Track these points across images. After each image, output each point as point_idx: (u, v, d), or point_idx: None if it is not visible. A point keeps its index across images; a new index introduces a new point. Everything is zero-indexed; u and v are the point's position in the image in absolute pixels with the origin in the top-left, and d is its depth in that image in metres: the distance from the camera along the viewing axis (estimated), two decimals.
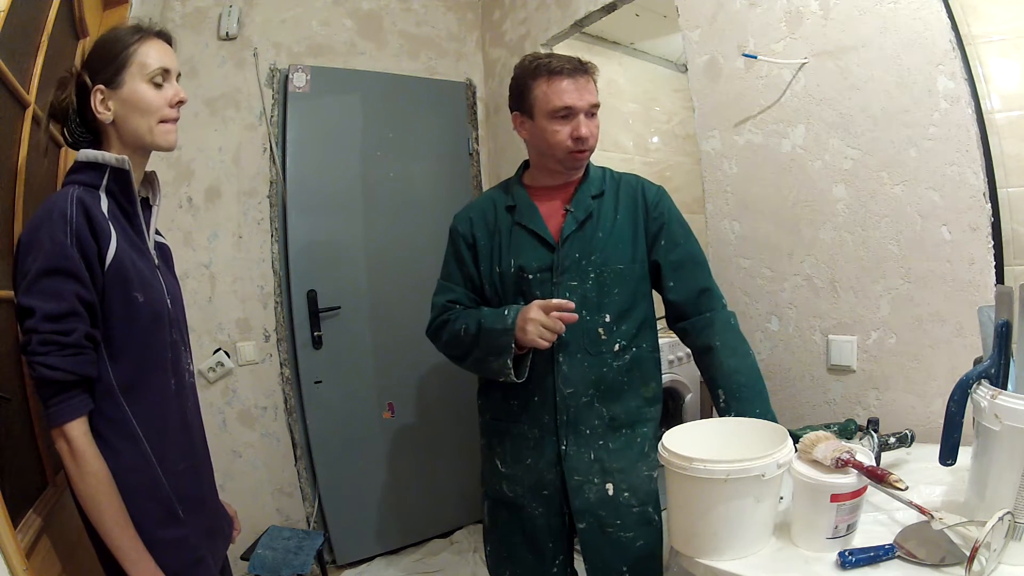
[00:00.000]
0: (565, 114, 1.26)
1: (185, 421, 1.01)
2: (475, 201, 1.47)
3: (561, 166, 1.33)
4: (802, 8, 1.55)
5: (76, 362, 0.84)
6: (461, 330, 1.33)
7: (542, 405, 1.32)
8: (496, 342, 1.25)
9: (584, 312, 1.28)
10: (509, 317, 1.25)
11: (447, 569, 2.38)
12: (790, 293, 1.66)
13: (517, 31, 2.64)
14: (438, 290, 1.44)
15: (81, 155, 0.92)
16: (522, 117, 1.34)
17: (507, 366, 1.25)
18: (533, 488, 1.34)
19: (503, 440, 1.39)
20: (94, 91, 0.93)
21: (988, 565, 0.80)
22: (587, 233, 1.32)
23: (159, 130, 0.96)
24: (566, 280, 1.30)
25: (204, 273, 2.26)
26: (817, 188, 1.57)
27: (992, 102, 1.30)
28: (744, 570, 0.91)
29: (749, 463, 0.91)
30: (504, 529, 1.41)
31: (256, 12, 2.36)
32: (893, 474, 0.91)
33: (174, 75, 0.99)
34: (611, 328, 1.31)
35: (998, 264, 1.29)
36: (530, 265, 1.32)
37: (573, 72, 1.26)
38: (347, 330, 2.43)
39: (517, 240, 1.35)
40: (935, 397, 1.39)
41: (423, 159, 2.65)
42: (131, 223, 0.97)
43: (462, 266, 1.41)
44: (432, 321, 1.42)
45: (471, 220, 1.41)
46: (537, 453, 1.33)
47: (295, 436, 2.42)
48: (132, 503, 0.88)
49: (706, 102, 1.82)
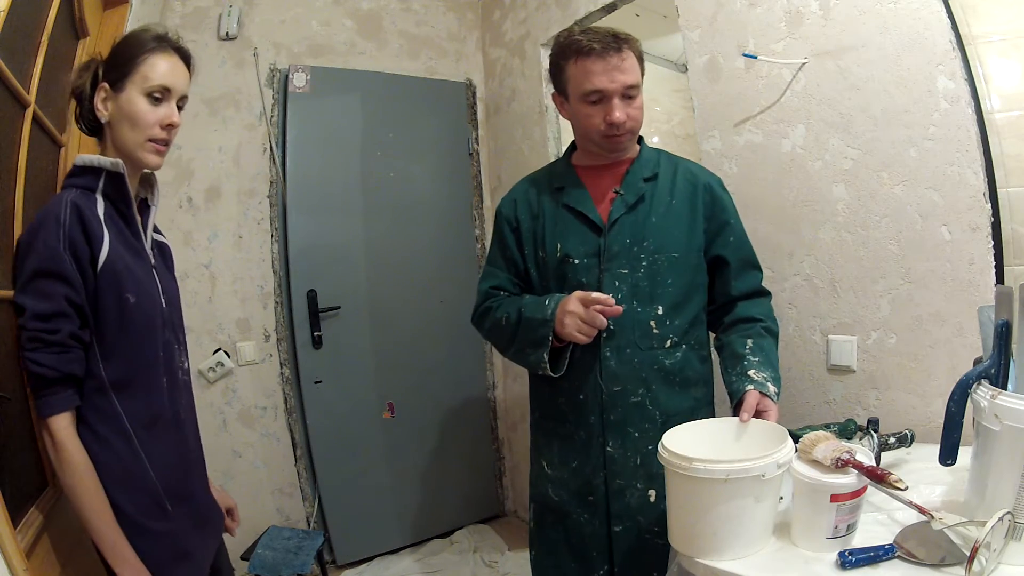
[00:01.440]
0: (596, 98, 1.18)
1: (178, 418, 1.03)
2: (519, 183, 1.41)
3: (601, 149, 1.26)
4: (802, 8, 1.55)
5: (60, 359, 0.87)
6: (503, 319, 1.26)
7: (588, 404, 1.23)
8: (534, 333, 1.18)
9: (635, 303, 1.21)
10: (549, 307, 1.17)
11: (447, 569, 2.38)
12: (790, 293, 1.65)
13: (517, 31, 2.64)
14: (483, 276, 1.39)
15: (78, 159, 0.94)
16: (560, 98, 1.28)
17: (543, 359, 1.18)
18: (578, 493, 1.26)
19: (551, 441, 1.31)
20: (99, 87, 0.95)
21: (988, 565, 0.80)
22: (639, 217, 1.23)
23: (145, 148, 0.98)
24: (615, 267, 1.21)
25: (204, 273, 2.26)
26: (817, 188, 1.57)
27: (992, 102, 1.30)
28: (744, 570, 0.91)
29: (749, 463, 0.90)
30: (550, 535, 1.32)
31: (256, 12, 2.36)
32: (893, 474, 0.91)
33: (176, 96, 0.99)
34: (664, 321, 1.22)
35: (998, 264, 1.29)
36: (576, 250, 1.23)
37: (604, 51, 1.15)
38: (347, 330, 2.43)
39: (563, 223, 1.27)
40: (935, 397, 1.39)
41: (423, 159, 2.66)
42: (127, 224, 0.99)
43: (505, 250, 1.35)
44: (476, 308, 1.37)
45: (515, 202, 1.35)
46: (583, 456, 1.25)
47: (295, 436, 2.42)
48: (119, 492, 0.91)
49: (706, 102, 1.82)
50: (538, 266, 1.31)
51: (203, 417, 2.21)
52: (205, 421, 2.23)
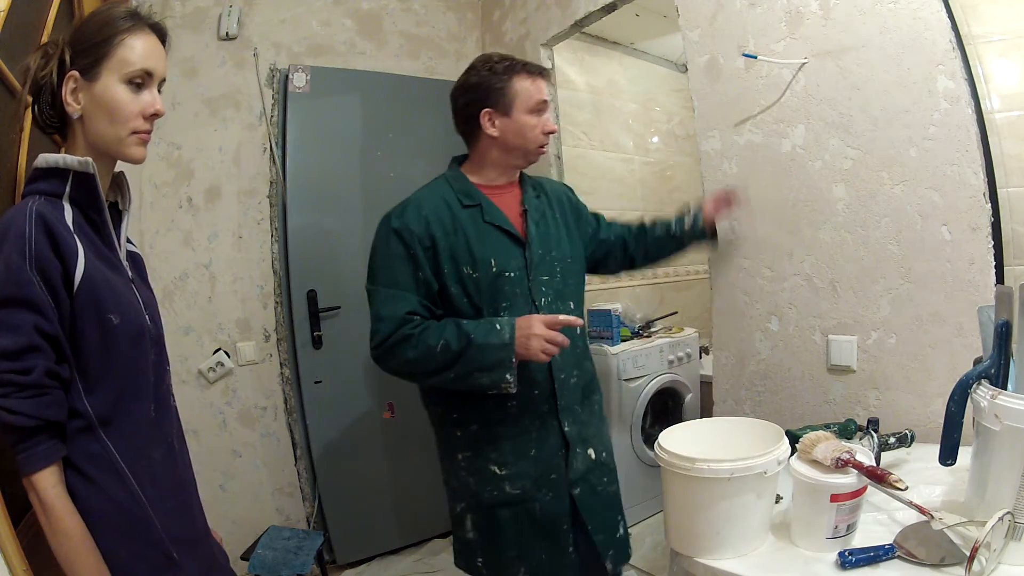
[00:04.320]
0: (541, 109, 1.38)
1: (172, 451, 0.92)
2: (417, 200, 1.37)
3: (525, 160, 1.43)
4: (802, 8, 1.55)
5: (37, 404, 0.74)
6: (437, 346, 1.25)
7: (540, 396, 1.36)
8: (491, 357, 1.24)
9: (559, 303, 1.40)
10: (505, 331, 1.24)
11: (447, 569, 2.37)
12: (790, 293, 1.66)
13: (517, 31, 2.64)
14: (384, 299, 1.31)
15: (40, 160, 0.81)
16: (495, 114, 1.37)
17: (505, 379, 1.24)
18: (540, 478, 1.36)
19: (498, 444, 1.35)
20: (68, 76, 0.82)
21: (988, 565, 0.80)
22: (545, 230, 1.42)
23: (129, 141, 0.85)
24: (539, 276, 1.37)
25: (204, 273, 2.26)
26: (817, 188, 1.57)
27: (992, 102, 1.30)
28: (744, 570, 0.92)
29: (751, 461, 0.91)
30: (508, 530, 1.36)
31: (256, 12, 2.36)
32: (893, 474, 0.91)
33: (157, 80, 0.87)
34: (575, 313, 1.43)
35: (998, 264, 1.29)
36: (508, 264, 1.34)
37: (544, 73, 1.40)
38: (347, 330, 2.43)
39: (489, 239, 1.34)
40: (935, 397, 1.39)
41: (423, 159, 2.65)
42: (100, 234, 0.85)
43: (417, 271, 1.31)
44: (388, 335, 1.29)
45: (427, 220, 1.32)
46: (540, 443, 1.36)
47: (295, 436, 2.42)
48: (119, 545, 0.80)
49: (706, 102, 1.82)
50: (462, 283, 1.32)
51: (203, 417, 2.25)
52: (205, 421, 2.27)
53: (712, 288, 1.86)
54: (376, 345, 1.32)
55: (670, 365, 2.60)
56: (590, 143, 3.03)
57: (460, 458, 1.39)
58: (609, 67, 3.22)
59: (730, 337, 1.82)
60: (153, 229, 2.13)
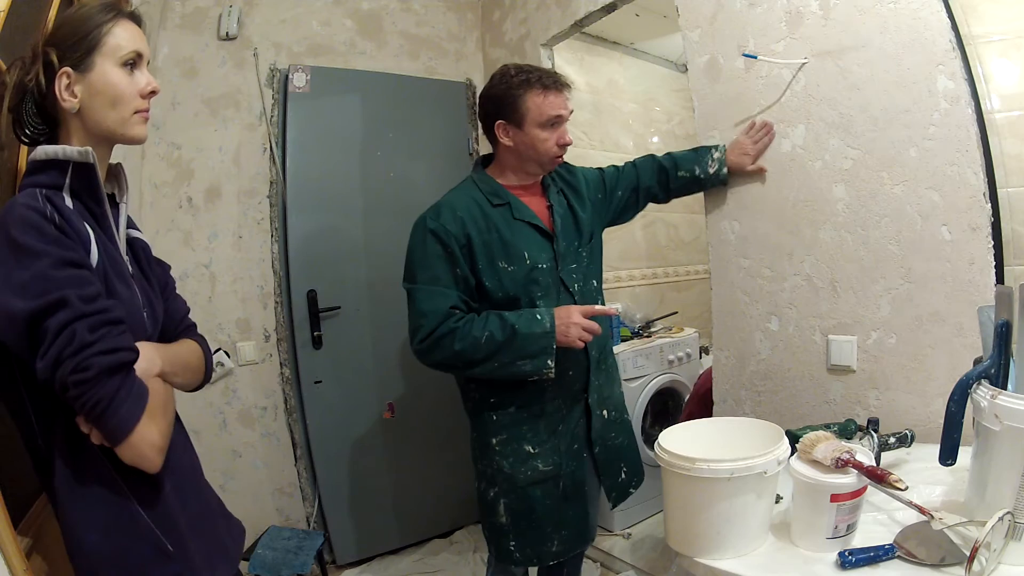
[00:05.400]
0: (555, 123, 1.41)
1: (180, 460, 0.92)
2: (449, 202, 1.44)
3: (541, 169, 1.49)
4: (802, 8, 1.55)
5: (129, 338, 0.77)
6: (482, 337, 1.34)
7: (575, 376, 1.47)
8: (534, 346, 1.34)
9: (587, 287, 1.51)
10: (545, 320, 1.35)
11: (447, 569, 2.38)
12: (790, 293, 1.65)
13: (517, 31, 2.64)
14: (425, 296, 1.38)
15: (39, 152, 0.81)
16: (508, 126, 1.42)
17: (547, 365, 1.35)
18: (570, 448, 1.47)
19: (535, 423, 1.45)
20: (60, 74, 0.82)
21: (988, 565, 0.80)
22: (569, 222, 1.50)
23: (132, 121, 0.87)
24: (567, 266, 1.47)
25: (204, 273, 2.26)
26: (817, 188, 1.57)
27: (992, 102, 1.30)
28: (744, 570, 0.92)
29: (751, 461, 0.91)
30: (542, 505, 1.44)
31: (256, 12, 2.36)
32: (893, 474, 0.91)
33: (145, 61, 0.89)
34: (600, 290, 1.58)
35: (998, 264, 1.29)
36: (539, 257, 1.43)
37: (561, 87, 1.43)
38: (347, 330, 2.43)
39: (521, 235, 1.43)
40: (935, 397, 1.39)
41: (423, 159, 2.65)
42: (100, 226, 0.86)
43: (455, 268, 1.38)
44: (433, 329, 1.35)
45: (462, 220, 1.39)
46: (568, 417, 1.48)
47: (295, 436, 2.42)
48: (107, 543, 0.80)
49: (706, 102, 1.82)
50: (498, 277, 1.41)
51: (203, 417, 2.24)
52: (205, 421, 2.27)
53: (712, 288, 1.86)
54: (421, 339, 1.38)
55: (670, 365, 2.60)
56: (590, 143, 3.03)
57: (495, 442, 1.47)
58: (609, 67, 3.22)
59: (730, 337, 1.82)
60: (153, 229, 2.13)
